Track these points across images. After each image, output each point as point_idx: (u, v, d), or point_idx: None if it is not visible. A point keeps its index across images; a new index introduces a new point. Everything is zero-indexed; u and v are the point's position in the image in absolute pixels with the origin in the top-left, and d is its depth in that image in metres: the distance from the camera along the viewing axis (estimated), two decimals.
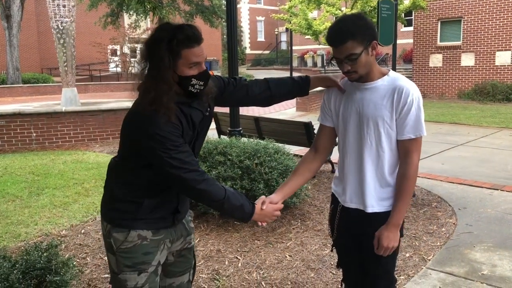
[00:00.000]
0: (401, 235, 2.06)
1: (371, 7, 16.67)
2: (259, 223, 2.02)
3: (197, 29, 1.80)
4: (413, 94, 1.90)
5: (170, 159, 1.75)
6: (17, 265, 2.72)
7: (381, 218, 1.99)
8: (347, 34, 1.83)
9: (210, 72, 1.95)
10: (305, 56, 32.66)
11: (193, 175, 1.79)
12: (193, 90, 1.82)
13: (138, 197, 1.89)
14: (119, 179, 1.93)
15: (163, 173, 1.80)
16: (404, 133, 1.92)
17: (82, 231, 4.39)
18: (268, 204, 2.00)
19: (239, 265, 3.59)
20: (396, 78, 1.95)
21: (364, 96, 1.96)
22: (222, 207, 1.87)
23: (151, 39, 1.79)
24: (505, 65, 16.09)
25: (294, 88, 2.16)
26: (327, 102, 2.12)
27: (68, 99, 12.17)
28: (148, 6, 5.31)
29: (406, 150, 1.94)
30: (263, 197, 2.05)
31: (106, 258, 3.74)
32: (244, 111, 9.15)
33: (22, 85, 23.18)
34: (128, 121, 1.85)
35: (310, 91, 2.21)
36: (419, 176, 5.94)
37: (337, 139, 2.17)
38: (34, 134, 8.92)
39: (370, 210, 2.01)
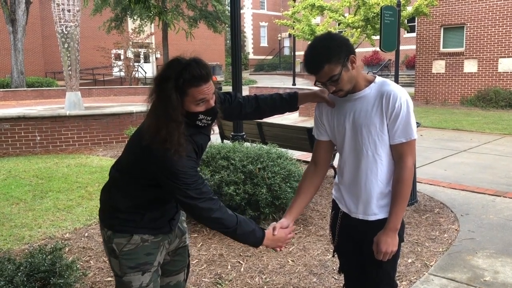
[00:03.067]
0: (402, 240, 2.07)
1: (374, 13, 16.72)
2: (277, 249, 2.05)
3: (205, 66, 1.80)
4: (401, 98, 1.90)
5: (189, 191, 1.79)
6: (21, 268, 2.74)
7: (383, 224, 2.00)
8: (322, 59, 1.84)
9: (213, 78, 1.98)
10: None
11: (209, 204, 1.83)
12: (200, 124, 1.86)
13: (142, 209, 1.93)
14: (123, 191, 1.95)
15: (179, 202, 1.85)
16: (396, 138, 1.93)
17: (86, 234, 4.41)
18: (280, 230, 2.03)
19: (242, 269, 3.60)
20: (382, 83, 1.96)
21: (354, 106, 1.98)
22: (235, 234, 1.90)
23: (159, 76, 1.80)
24: (508, 72, 16.09)
25: (282, 105, 2.20)
26: (319, 117, 2.14)
27: (72, 103, 12.23)
28: (153, 11, 5.33)
29: (399, 154, 1.95)
30: (274, 223, 2.08)
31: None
32: None
33: (26, 88, 23.32)
34: (142, 153, 1.83)
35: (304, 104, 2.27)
36: (421, 182, 6.00)
37: (335, 147, 2.19)
38: (38, 138, 8.96)
39: (373, 218, 2.03)
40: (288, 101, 2.19)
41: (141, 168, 1.86)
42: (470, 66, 16.89)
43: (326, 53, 1.84)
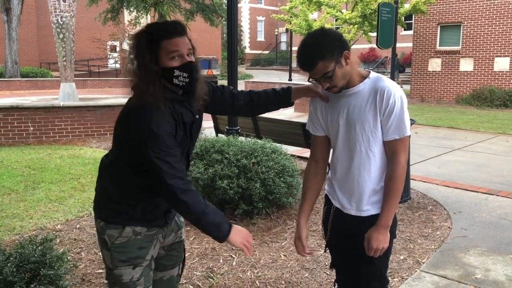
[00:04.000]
0: (394, 237, 2.07)
1: (371, 9, 16.71)
2: (244, 249, 1.90)
3: (179, 24, 1.83)
4: (395, 94, 1.88)
5: (159, 160, 1.72)
6: (11, 258, 2.71)
7: (375, 219, 1.99)
8: (315, 56, 1.82)
9: (209, 72, 1.96)
10: None
11: (178, 183, 1.75)
12: (178, 83, 1.80)
13: (134, 199, 1.89)
14: (115, 179, 1.92)
15: (150, 172, 1.77)
16: (389, 134, 1.92)
17: (77, 226, 4.39)
18: (300, 245, 2.14)
19: (234, 263, 3.60)
20: (376, 79, 1.94)
21: (348, 102, 1.96)
22: (199, 222, 1.80)
23: (134, 33, 1.85)
24: (503, 71, 16.14)
25: (276, 98, 2.16)
26: (313, 112, 2.12)
27: (66, 94, 12.14)
28: (150, 2, 5.29)
29: (392, 151, 1.94)
30: (301, 234, 2.15)
31: (100, 253, 3.74)
32: None
33: (20, 79, 23.15)
34: (120, 121, 1.85)
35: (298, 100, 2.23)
36: (415, 180, 6.01)
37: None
38: (31, 128, 8.90)
39: (365, 214, 2.02)
40: (282, 95, 2.16)
41: (129, 152, 1.84)
42: (466, 65, 16.93)
43: (320, 49, 1.82)
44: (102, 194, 1.97)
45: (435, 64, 17.73)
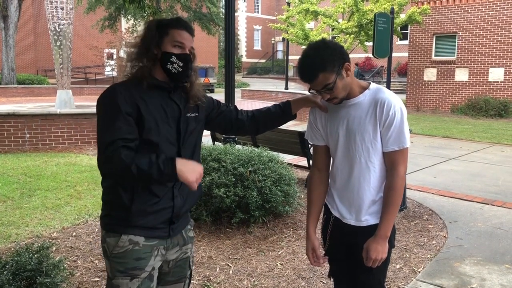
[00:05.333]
0: (392, 246, 2.08)
1: (367, 19, 16.83)
2: (191, 183, 1.73)
3: (191, 26, 1.93)
4: (395, 106, 1.90)
5: (99, 128, 1.77)
6: (7, 266, 2.70)
7: (375, 229, 2.00)
8: (317, 68, 1.84)
9: (205, 80, 2.00)
10: None
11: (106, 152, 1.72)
12: (171, 69, 1.85)
13: (125, 200, 1.83)
14: (104, 181, 1.92)
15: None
16: (389, 145, 1.93)
17: (74, 233, 4.37)
18: (315, 256, 2.16)
19: (230, 272, 3.59)
20: (377, 90, 1.96)
21: (348, 113, 1.98)
22: (139, 175, 1.69)
23: (146, 23, 1.94)
24: (498, 81, 16.27)
25: (276, 110, 2.18)
26: (313, 122, 2.14)
27: (62, 101, 12.15)
28: (148, 11, 5.33)
29: (392, 162, 1.95)
30: (314, 244, 2.16)
31: (97, 261, 3.74)
32: None
33: (16, 85, 23.12)
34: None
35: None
36: (411, 189, 6.04)
37: None
38: (28, 136, 8.88)
39: (364, 224, 2.03)
40: (282, 108, 2.18)
41: None
42: (461, 75, 17.07)
43: (321, 61, 1.84)
44: (102, 200, 1.97)
45: (430, 74, 17.86)
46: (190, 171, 1.73)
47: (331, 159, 2.14)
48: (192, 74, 1.94)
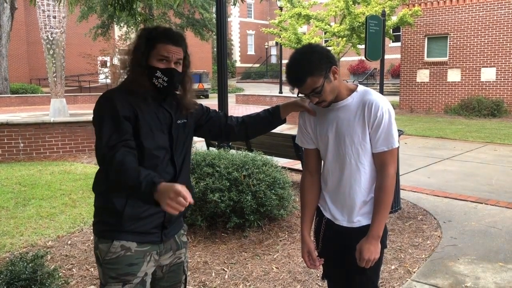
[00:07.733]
0: (385, 247, 2.09)
1: (359, 22, 16.93)
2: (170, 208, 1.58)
3: (180, 34, 1.94)
4: (383, 107, 1.93)
5: (98, 127, 1.85)
6: (1, 276, 2.70)
7: (367, 230, 2.01)
8: (304, 73, 1.87)
9: (199, 85, 2.03)
10: None
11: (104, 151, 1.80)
12: (156, 83, 1.89)
13: (117, 206, 1.83)
14: (96, 187, 1.93)
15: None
16: (378, 146, 1.96)
17: (69, 242, 4.37)
18: (311, 259, 2.17)
19: (226, 277, 3.60)
20: (364, 92, 1.99)
21: (337, 115, 2.00)
22: (115, 174, 1.72)
23: (140, 28, 2.01)
24: (490, 81, 16.39)
25: (266, 115, 2.20)
26: (303, 125, 2.16)
27: (56, 109, 12.13)
28: (139, 19, 5.35)
29: (381, 163, 1.98)
30: (309, 248, 2.17)
31: (92, 269, 3.73)
32: None
33: (10, 95, 23.04)
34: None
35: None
36: (405, 190, 6.06)
37: None
38: (22, 145, 8.86)
39: (357, 225, 2.05)
40: (271, 112, 2.21)
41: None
42: (454, 75, 17.17)
43: (308, 66, 1.87)
44: (94, 206, 1.97)
45: (423, 75, 17.96)
46: (165, 198, 1.57)
47: (322, 161, 2.16)
48: (186, 81, 1.99)
